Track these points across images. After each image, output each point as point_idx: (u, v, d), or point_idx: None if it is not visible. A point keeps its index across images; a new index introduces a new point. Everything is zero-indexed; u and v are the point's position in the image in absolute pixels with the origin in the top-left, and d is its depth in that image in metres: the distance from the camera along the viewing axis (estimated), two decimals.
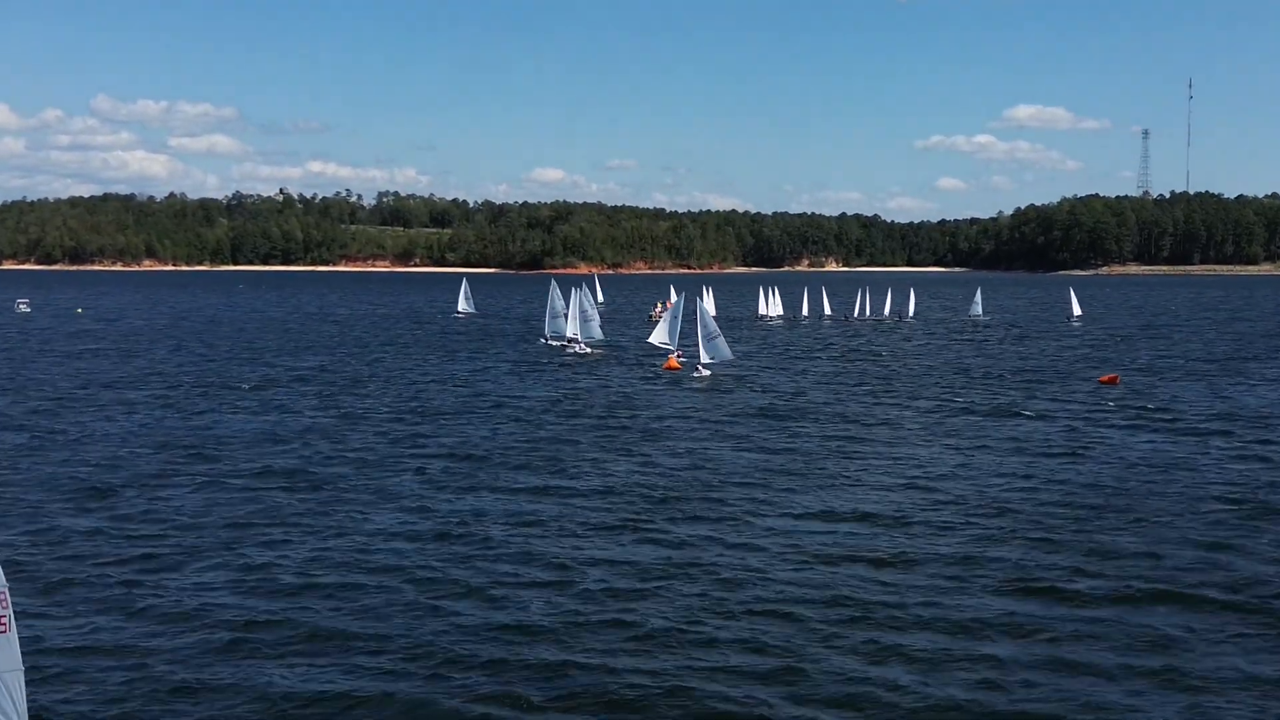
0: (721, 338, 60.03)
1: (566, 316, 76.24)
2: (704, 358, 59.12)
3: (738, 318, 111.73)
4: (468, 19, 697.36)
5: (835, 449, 37.40)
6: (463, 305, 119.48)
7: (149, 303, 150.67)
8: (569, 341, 75.23)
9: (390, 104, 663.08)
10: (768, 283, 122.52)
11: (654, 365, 63.70)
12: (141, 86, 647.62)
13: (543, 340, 79.83)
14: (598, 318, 77.03)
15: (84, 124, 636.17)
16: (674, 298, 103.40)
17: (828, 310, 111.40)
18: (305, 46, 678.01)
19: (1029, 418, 44.02)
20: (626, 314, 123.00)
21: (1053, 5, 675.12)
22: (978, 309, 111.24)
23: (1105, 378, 55.70)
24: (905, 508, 28.98)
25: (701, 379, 57.49)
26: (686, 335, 66.44)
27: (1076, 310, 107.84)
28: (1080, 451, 36.72)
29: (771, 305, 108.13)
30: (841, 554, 24.68)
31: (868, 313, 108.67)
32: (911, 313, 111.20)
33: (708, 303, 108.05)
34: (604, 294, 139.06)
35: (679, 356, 64.63)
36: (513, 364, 65.93)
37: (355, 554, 24.73)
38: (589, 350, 72.50)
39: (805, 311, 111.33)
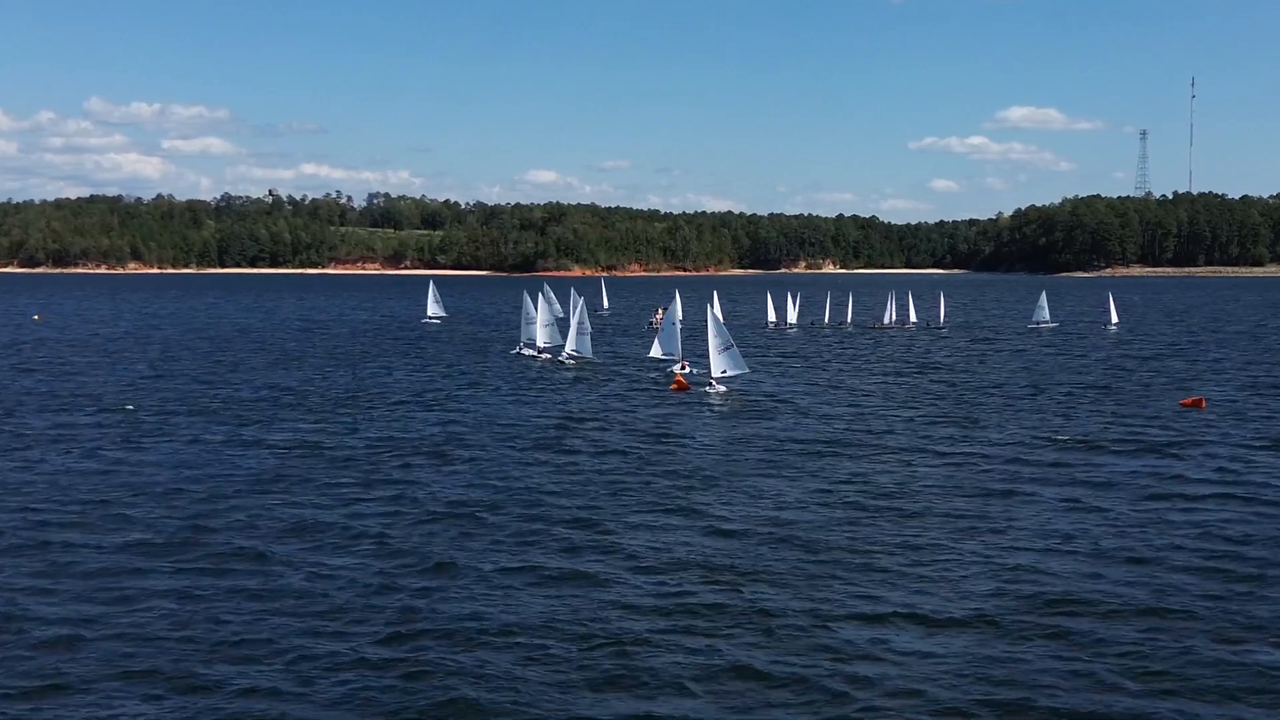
0: (735, 349, 53.02)
1: (538, 324, 69.99)
2: (716, 371, 52.05)
3: (746, 324, 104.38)
4: (463, 21, 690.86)
5: (939, 498, 30.08)
6: (433, 310, 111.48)
7: (124, 308, 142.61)
8: (540, 352, 69.02)
9: (385, 106, 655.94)
10: (766, 285, 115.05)
11: (659, 383, 56.36)
12: (135, 88, 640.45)
13: (515, 351, 72.94)
14: (590, 330, 70.24)
15: (77, 126, 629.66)
16: (679, 306, 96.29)
17: (849, 317, 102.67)
18: (300, 48, 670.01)
19: (1135, 451, 36.78)
20: (625, 320, 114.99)
21: (1045, 6, 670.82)
22: (1044, 313, 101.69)
23: (1188, 400, 48.31)
24: (1070, 585, 22.15)
25: (720, 398, 50.42)
26: (691, 345, 59.31)
27: (1114, 317, 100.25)
28: (1235, 500, 29.67)
29: (788, 311, 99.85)
30: (1027, 676, 17.42)
31: (892, 318, 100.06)
32: (943, 319, 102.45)
33: (715, 309, 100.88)
34: (609, 300, 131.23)
35: (685, 369, 57.69)
36: (496, 382, 57.83)
37: (299, 684, 17.46)
38: (574, 362, 65.41)
39: (827, 318, 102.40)
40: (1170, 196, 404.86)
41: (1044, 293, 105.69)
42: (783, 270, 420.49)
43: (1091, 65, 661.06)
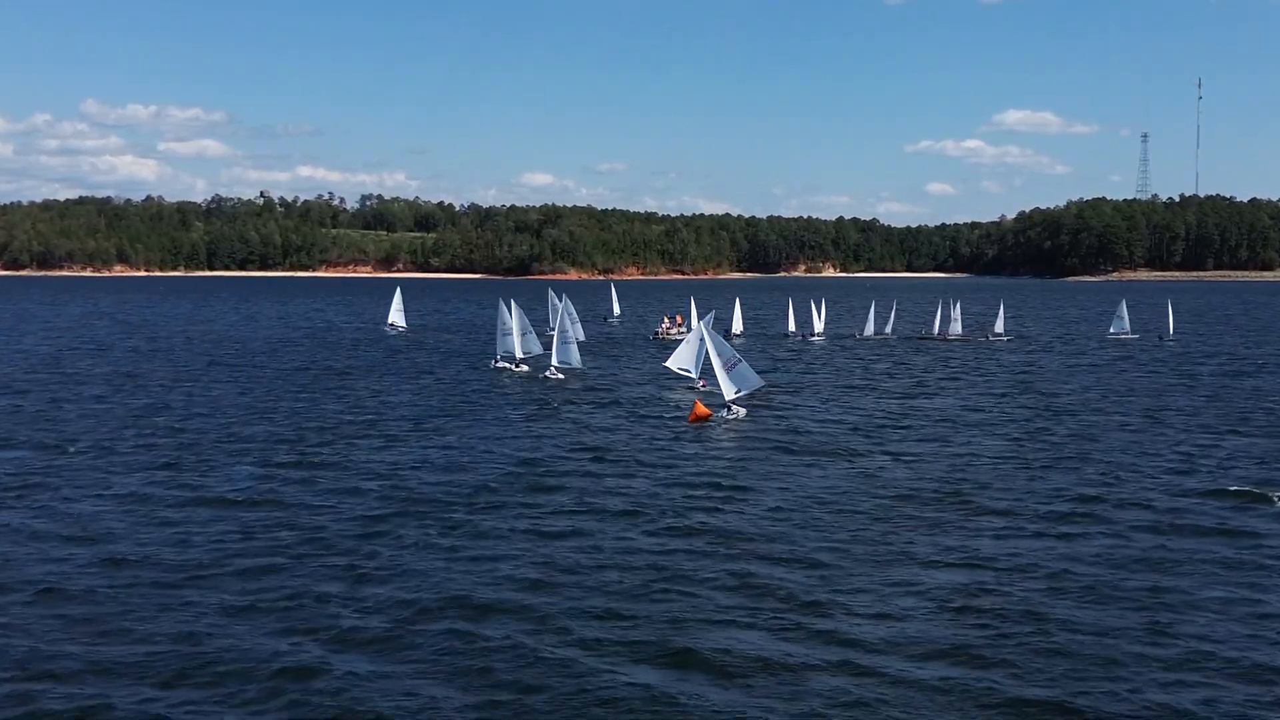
0: (744, 363, 46.13)
1: (515, 334, 63.57)
2: (728, 393, 44.89)
3: (764, 334, 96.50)
4: (459, 22, 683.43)
5: (1118, 583, 22.51)
6: (394, 318, 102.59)
7: (93, 313, 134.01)
8: (518, 364, 63.01)
9: (381, 108, 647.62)
10: (767, 289, 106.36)
11: (668, 406, 48.42)
12: (131, 90, 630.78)
13: (492, 364, 65.65)
14: (577, 338, 62.79)
15: (73, 128, 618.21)
16: (694, 313, 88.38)
17: (889, 326, 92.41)
18: (297, 50, 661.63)
19: None
20: (628, 329, 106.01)
21: (1041, 9, 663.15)
22: (1124, 324, 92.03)
23: None
24: None
25: (742, 421, 43.47)
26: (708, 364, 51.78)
27: (1171, 327, 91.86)
28: None
29: (813, 320, 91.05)
30: None
31: (935, 329, 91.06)
32: (1000, 328, 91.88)
33: (736, 318, 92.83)
34: (619, 306, 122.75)
35: (705, 386, 50.81)
36: (481, 406, 48.92)
37: None
38: (561, 376, 58.24)
39: (870, 329, 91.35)
40: (1176, 200, 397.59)
41: (1123, 301, 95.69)
42: (782, 273, 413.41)
43: (1088, 68, 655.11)
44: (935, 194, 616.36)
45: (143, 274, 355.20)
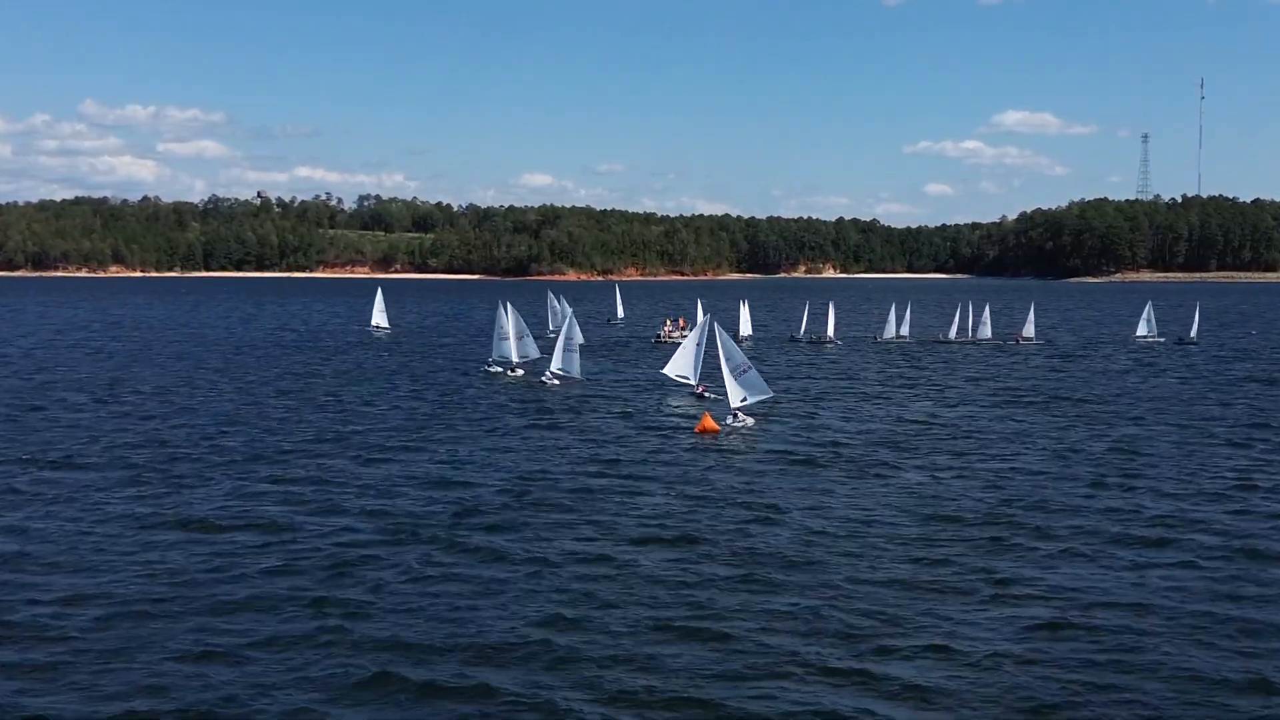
0: (754, 370, 43.70)
1: (511, 337, 61.25)
2: (735, 401, 42.32)
3: (768, 337, 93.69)
4: (459, 23, 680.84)
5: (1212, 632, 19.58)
6: (377, 319, 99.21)
7: (83, 315, 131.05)
8: (513, 369, 60.78)
9: (380, 108, 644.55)
10: (769, 290, 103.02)
11: (674, 415, 45.66)
12: (130, 91, 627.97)
13: (485, 367, 63.11)
14: (578, 346, 60.24)
15: (72, 129, 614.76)
16: (700, 316, 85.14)
17: (905, 328, 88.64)
18: (296, 51, 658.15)
19: None
20: (629, 332, 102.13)
21: (1041, 9, 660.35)
22: (1151, 326, 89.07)
23: None
24: None
25: (750, 431, 40.87)
26: (710, 368, 49.30)
27: (1194, 330, 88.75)
28: None
29: (828, 323, 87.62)
30: None
31: (952, 332, 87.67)
32: (1030, 331, 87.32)
33: (743, 319, 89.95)
34: (623, 309, 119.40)
35: (704, 392, 48.85)
36: (479, 415, 45.53)
37: None
38: (557, 383, 55.70)
39: (891, 331, 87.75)
40: (1179, 200, 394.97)
41: (1149, 304, 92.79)
42: (782, 274, 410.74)
43: (1087, 69, 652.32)
44: (934, 195, 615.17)
45: (138, 275, 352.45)
